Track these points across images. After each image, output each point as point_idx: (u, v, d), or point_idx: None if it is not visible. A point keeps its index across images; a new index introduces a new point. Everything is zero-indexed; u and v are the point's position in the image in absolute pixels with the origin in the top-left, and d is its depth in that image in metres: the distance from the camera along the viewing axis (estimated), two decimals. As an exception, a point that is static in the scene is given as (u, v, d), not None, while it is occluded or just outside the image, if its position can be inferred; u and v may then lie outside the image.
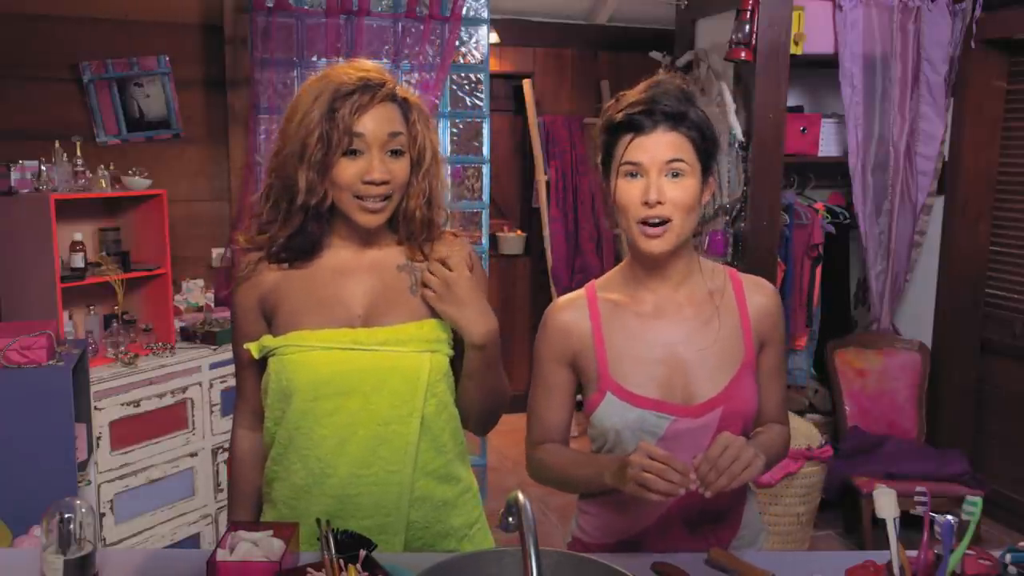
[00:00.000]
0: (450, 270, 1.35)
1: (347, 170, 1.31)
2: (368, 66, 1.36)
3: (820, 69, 3.75)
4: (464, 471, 1.48)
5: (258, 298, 1.40)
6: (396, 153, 1.34)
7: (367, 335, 1.35)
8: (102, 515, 2.78)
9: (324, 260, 1.39)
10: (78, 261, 2.90)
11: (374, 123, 1.31)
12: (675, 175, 1.33)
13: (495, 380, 1.43)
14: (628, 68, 5.01)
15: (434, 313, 1.38)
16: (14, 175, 2.93)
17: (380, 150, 1.32)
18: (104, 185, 3.03)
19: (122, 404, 2.81)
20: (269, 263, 1.39)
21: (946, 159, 3.74)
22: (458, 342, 1.40)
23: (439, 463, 1.41)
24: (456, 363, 1.42)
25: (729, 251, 3.38)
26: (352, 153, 1.31)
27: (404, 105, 1.36)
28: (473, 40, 3.78)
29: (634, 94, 1.37)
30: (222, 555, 1.20)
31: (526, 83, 4.83)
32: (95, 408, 2.73)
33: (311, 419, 1.35)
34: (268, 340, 1.37)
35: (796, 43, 3.31)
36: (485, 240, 3.91)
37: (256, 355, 1.38)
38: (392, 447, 1.36)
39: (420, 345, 1.36)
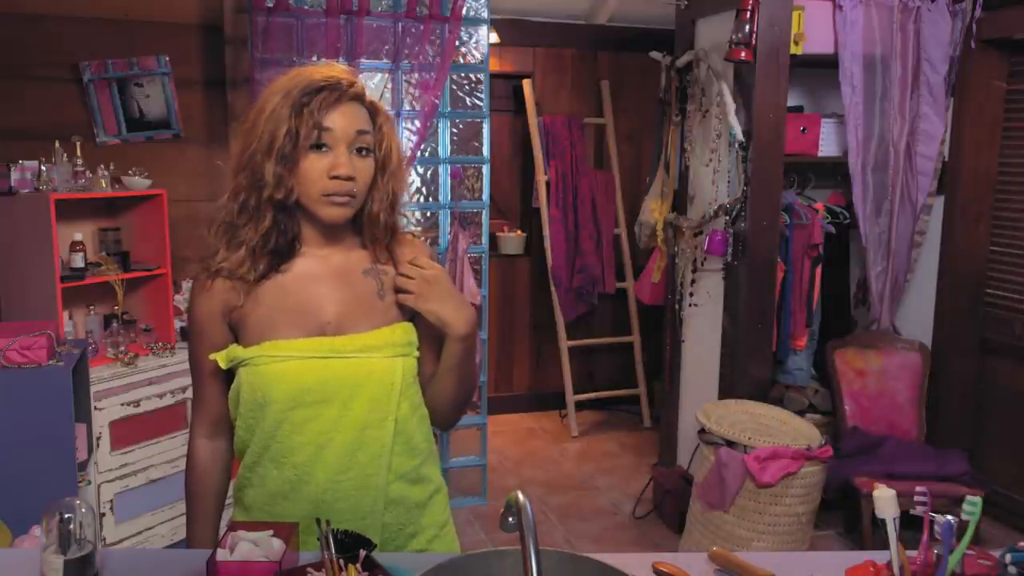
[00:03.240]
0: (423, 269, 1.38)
1: (315, 165, 1.31)
2: (338, 67, 1.37)
3: (820, 69, 3.75)
4: (434, 472, 1.48)
5: (222, 308, 1.37)
6: (362, 152, 1.35)
7: (345, 343, 1.35)
8: (102, 515, 2.78)
9: (292, 266, 1.38)
10: (78, 261, 2.90)
11: (343, 119, 1.32)
12: None
13: (472, 368, 1.46)
14: (628, 68, 5.01)
15: (402, 316, 1.40)
16: (14, 175, 2.93)
17: (347, 147, 1.33)
18: (104, 185, 3.03)
19: (122, 404, 2.81)
20: (238, 277, 1.35)
21: (946, 159, 3.74)
22: (423, 341, 1.43)
23: (411, 465, 1.42)
24: (423, 362, 1.44)
25: (729, 251, 3.38)
26: (319, 148, 1.32)
27: (371, 108, 1.38)
28: (473, 40, 3.79)
29: None
30: (222, 555, 1.20)
31: (526, 83, 4.83)
32: (95, 408, 2.74)
33: (288, 427, 1.35)
34: (238, 351, 1.35)
35: (796, 43, 3.31)
36: (485, 240, 3.92)
37: (224, 365, 1.36)
38: (369, 452, 1.36)
39: (393, 350, 1.37)
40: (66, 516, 1.22)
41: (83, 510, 1.23)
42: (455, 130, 4.01)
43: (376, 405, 1.36)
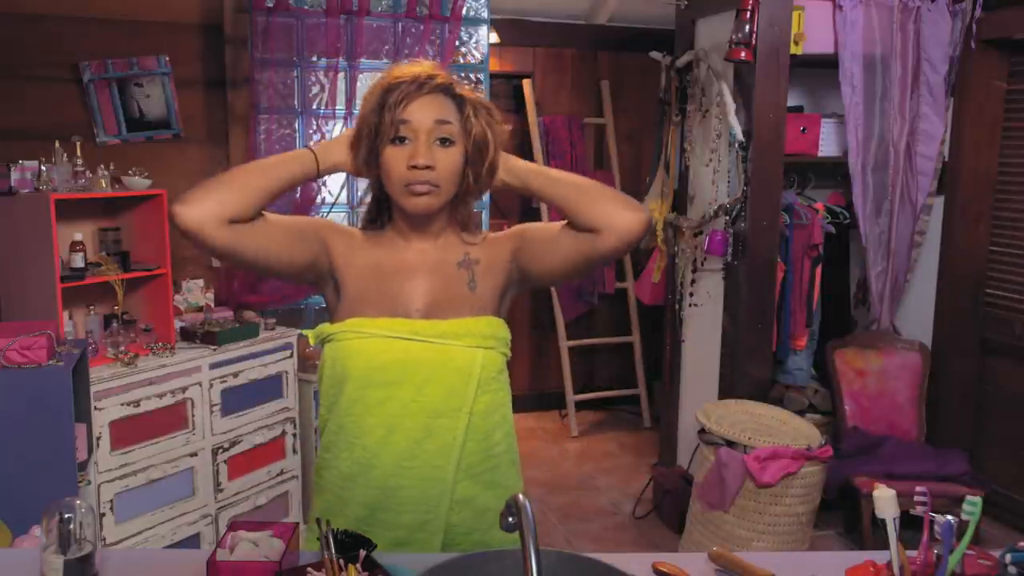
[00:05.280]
0: None
1: (395, 157, 1.34)
2: (423, 63, 1.40)
3: (820, 69, 3.75)
4: (513, 482, 1.46)
5: (325, 245, 1.41)
6: (445, 142, 1.35)
7: (425, 327, 1.37)
8: (102, 515, 2.78)
9: (391, 256, 1.42)
10: (78, 261, 2.90)
11: (420, 111, 1.34)
12: None
13: (565, 177, 1.50)
14: (628, 68, 5.01)
15: (492, 310, 1.43)
16: (14, 175, 2.93)
17: (427, 137, 1.34)
18: (104, 185, 3.03)
19: (122, 404, 2.81)
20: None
21: (946, 159, 3.74)
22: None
23: (486, 466, 1.40)
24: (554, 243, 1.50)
25: (729, 251, 3.37)
26: (400, 141, 1.34)
27: (458, 99, 1.38)
28: (473, 40, 3.79)
29: None
30: (222, 555, 1.20)
31: (526, 83, 4.83)
32: (95, 408, 2.73)
33: (361, 407, 1.36)
34: (326, 327, 1.40)
35: (796, 43, 3.31)
36: (485, 240, 3.91)
37: (313, 343, 1.43)
38: (437, 441, 1.36)
39: (475, 340, 1.38)
40: (66, 516, 1.22)
41: (83, 510, 1.23)
42: (455, 130, 4.01)
43: (450, 394, 1.36)
